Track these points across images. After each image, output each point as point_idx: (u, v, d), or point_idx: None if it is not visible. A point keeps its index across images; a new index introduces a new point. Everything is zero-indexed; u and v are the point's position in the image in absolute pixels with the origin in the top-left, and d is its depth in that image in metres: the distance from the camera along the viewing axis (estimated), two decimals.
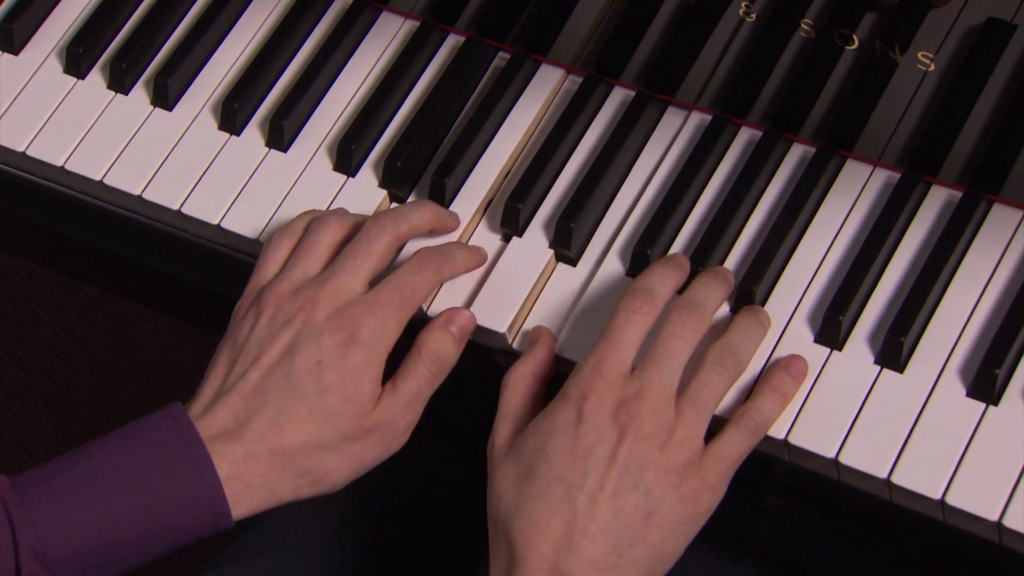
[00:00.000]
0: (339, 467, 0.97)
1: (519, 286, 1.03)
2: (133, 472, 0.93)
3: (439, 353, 0.99)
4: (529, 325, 1.02)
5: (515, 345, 1.02)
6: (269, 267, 1.01)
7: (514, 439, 0.95)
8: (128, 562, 0.94)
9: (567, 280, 1.03)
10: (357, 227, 1.01)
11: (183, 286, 1.15)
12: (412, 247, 1.04)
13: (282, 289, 0.98)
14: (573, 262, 1.04)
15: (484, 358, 1.03)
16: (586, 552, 0.90)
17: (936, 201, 1.02)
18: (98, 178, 1.10)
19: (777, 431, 0.96)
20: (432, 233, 1.04)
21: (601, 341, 0.95)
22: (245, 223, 1.08)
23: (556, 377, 0.99)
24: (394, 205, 1.07)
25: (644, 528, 0.91)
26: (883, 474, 0.94)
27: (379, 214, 1.01)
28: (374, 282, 0.99)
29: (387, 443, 0.98)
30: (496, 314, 1.02)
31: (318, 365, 0.95)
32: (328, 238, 1.01)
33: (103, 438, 0.95)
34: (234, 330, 0.99)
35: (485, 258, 1.04)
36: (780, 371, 0.96)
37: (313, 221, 1.01)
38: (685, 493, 0.92)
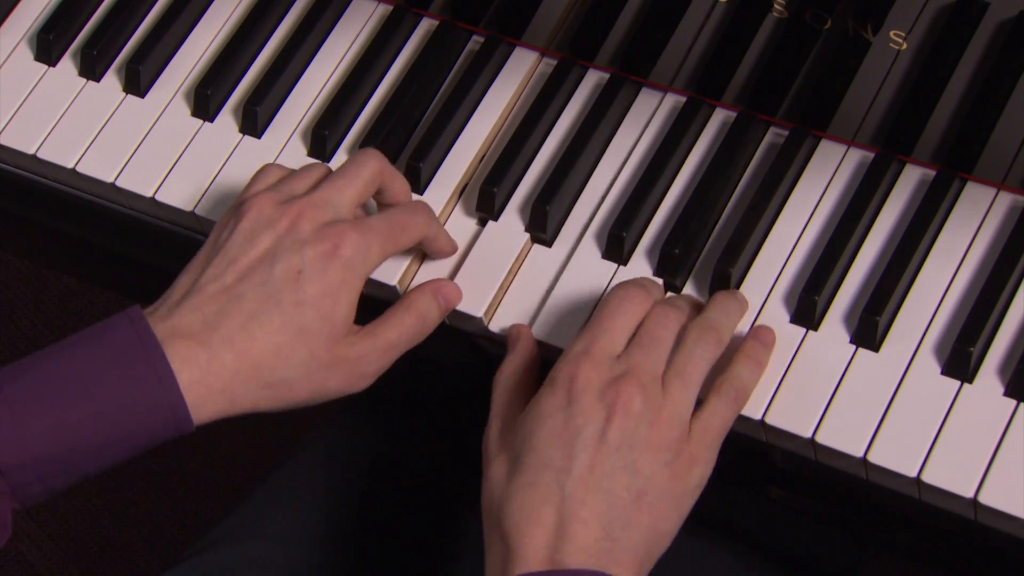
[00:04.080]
0: (302, 387, 0.95)
1: (495, 270, 1.03)
2: (88, 378, 0.91)
3: (426, 314, 0.99)
4: (505, 309, 1.02)
5: (492, 328, 1.02)
6: (256, 187, 1.00)
7: (506, 432, 0.94)
8: (88, 467, 0.92)
9: (543, 264, 1.03)
10: None
11: (161, 274, 1.14)
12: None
13: (267, 196, 0.97)
14: (549, 245, 1.04)
15: (466, 343, 1.03)
16: (579, 539, 0.89)
17: (910, 180, 1.03)
18: (71, 166, 1.10)
19: (754, 411, 0.96)
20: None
21: (592, 325, 0.94)
22: (219, 210, 1.07)
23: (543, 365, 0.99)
24: None
25: (635, 509, 0.90)
26: (859, 453, 0.94)
27: (368, 147, 1.01)
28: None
29: (353, 380, 0.97)
30: (472, 299, 1.02)
31: (298, 275, 0.94)
32: (317, 173, 1.00)
33: (60, 343, 0.93)
34: (212, 236, 0.97)
35: (456, 248, 1.04)
36: (751, 339, 0.96)
37: (302, 167, 1.01)
38: (675, 470, 0.91)
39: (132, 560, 1.78)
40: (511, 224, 1.05)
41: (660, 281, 1.00)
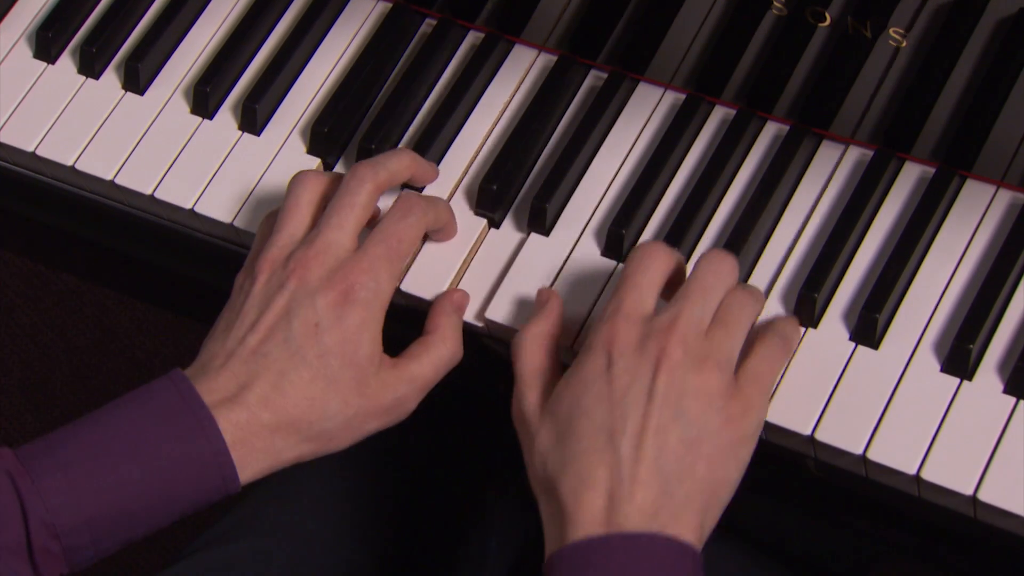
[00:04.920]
0: (342, 436, 0.97)
1: (494, 268, 1.03)
2: (138, 440, 0.93)
3: (456, 338, 0.99)
4: (503, 305, 1.02)
5: (489, 317, 1.01)
6: (258, 243, 1.01)
7: (543, 400, 0.93)
8: (139, 529, 0.94)
9: (543, 261, 1.03)
10: (337, 179, 1.01)
11: (160, 273, 1.15)
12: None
13: (273, 254, 0.98)
14: (548, 240, 1.04)
15: (470, 342, 1.03)
16: (635, 499, 0.88)
17: (909, 177, 1.03)
18: (70, 163, 1.10)
19: None
20: (411, 183, 1.04)
21: (619, 286, 0.94)
22: (219, 207, 1.07)
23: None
24: None
25: (691, 460, 0.89)
26: (859, 450, 0.94)
27: (357, 164, 1.01)
28: (363, 233, 0.99)
29: (391, 419, 0.98)
30: (472, 299, 1.02)
31: (316, 328, 0.95)
32: (308, 195, 1.00)
33: (106, 407, 0.95)
34: (231, 300, 0.99)
35: (456, 230, 1.03)
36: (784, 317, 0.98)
37: (292, 179, 1.01)
38: (729, 415, 0.90)
39: (132, 557, 1.78)
40: (510, 222, 1.05)
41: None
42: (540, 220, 1.04)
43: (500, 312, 1.01)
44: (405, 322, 1.02)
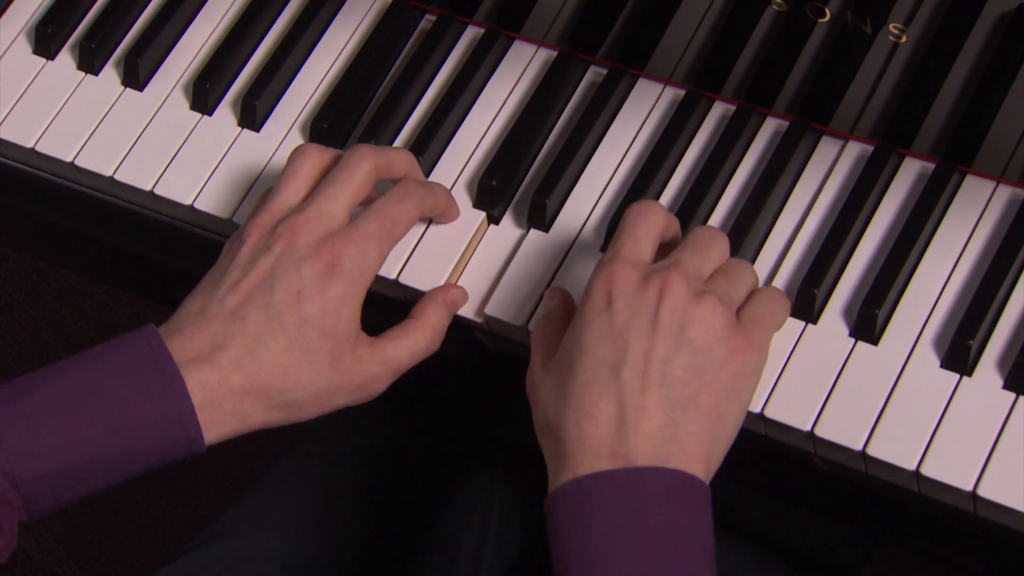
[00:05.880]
0: (311, 406, 0.96)
1: (492, 267, 1.03)
2: (105, 393, 0.92)
3: (439, 328, 0.99)
4: (503, 303, 1.02)
5: (489, 312, 1.01)
6: (253, 210, 1.01)
7: (548, 361, 0.93)
8: (100, 483, 0.93)
9: (543, 258, 1.03)
10: (337, 158, 1.01)
11: (160, 268, 1.15)
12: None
13: (263, 219, 0.98)
14: (547, 236, 1.04)
15: (464, 337, 1.03)
16: (642, 428, 0.88)
17: (909, 173, 1.03)
18: (69, 159, 1.10)
19: (753, 404, 0.96)
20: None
21: (616, 237, 0.94)
22: (218, 203, 1.07)
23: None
24: None
25: (695, 389, 0.89)
26: (858, 446, 0.94)
27: (359, 144, 1.00)
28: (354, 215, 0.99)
29: (362, 396, 0.98)
30: (470, 303, 1.02)
31: (298, 295, 0.95)
32: (307, 167, 1.00)
33: (75, 357, 0.94)
34: (218, 261, 0.98)
35: (459, 213, 1.03)
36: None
37: (293, 151, 1.01)
38: (732, 347, 0.90)
39: (132, 554, 1.78)
40: (510, 218, 1.05)
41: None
42: (540, 216, 1.04)
43: (499, 308, 1.01)
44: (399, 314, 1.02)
